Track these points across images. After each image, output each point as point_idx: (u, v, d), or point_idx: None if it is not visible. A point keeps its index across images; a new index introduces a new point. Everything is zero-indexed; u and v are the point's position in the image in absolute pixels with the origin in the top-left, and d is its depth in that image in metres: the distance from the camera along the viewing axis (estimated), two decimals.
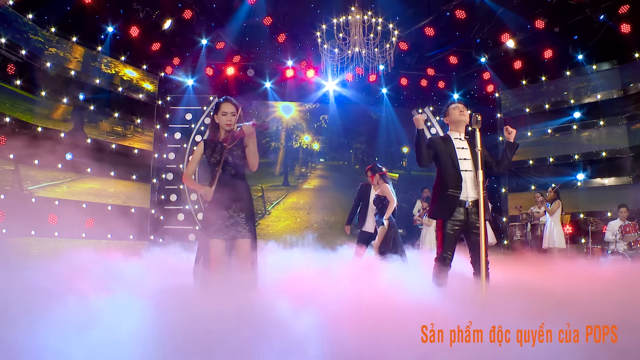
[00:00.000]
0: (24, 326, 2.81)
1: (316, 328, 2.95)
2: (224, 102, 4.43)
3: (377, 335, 2.85)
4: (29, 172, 9.83)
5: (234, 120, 4.35)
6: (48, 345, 2.57)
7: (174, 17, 11.15)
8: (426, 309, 3.39)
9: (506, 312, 3.08)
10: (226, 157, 4.29)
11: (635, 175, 11.07)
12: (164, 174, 12.91)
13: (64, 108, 10.57)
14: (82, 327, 2.76)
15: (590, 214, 11.07)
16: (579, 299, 3.90)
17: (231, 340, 2.69)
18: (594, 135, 11.81)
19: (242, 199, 4.33)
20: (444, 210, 4.50)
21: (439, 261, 4.51)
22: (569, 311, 3.18)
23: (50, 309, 3.00)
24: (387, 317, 3.21)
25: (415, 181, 14.23)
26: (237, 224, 4.22)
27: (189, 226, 12.82)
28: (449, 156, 4.58)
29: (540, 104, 12.48)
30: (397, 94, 14.00)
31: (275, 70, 13.36)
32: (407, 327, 2.92)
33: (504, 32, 11.48)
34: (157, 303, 3.33)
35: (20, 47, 9.54)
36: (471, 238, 4.52)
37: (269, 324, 2.94)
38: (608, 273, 6.49)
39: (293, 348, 2.70)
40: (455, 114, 4.78)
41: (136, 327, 2.83)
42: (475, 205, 4.46)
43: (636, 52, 10.97)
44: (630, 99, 11.22)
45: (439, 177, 4.62)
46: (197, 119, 13.35)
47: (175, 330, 2.80)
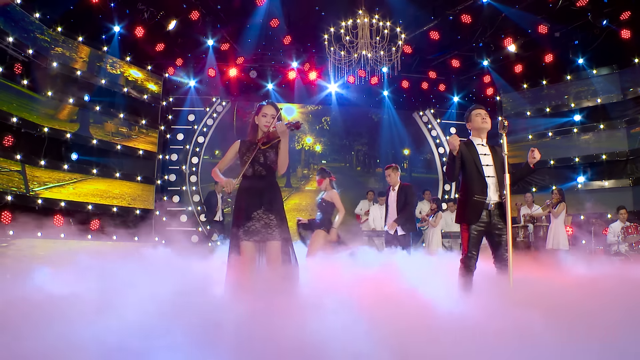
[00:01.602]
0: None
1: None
2: (267, 104, 4.46)
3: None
4: (35, 172, 9.70)
5: (273, 123, 4.35)
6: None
7: (178, 17, 11.12)
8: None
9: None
10: (258, 157, 4.30)
11: (635, 177, 11.35)
12: (166, 175, 12.84)
13: (70, 108, 10.46)
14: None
15: (590, 216, 11.31)
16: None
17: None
18: (594, 139, 12.06)
19: (273, 201, 4.31)
20: (471, 216, 4.62)
21: (465, 262, 4.63)
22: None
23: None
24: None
25: (417, 183, 14.31)
26: (268, 226, 4.20)
27: (191, 227, 12.77)
28: (473, 163, 4.68)
29: (541, 107, 12.72)
30: (398, 96, 14.13)
31: (278, 72, 13.38)
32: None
33: (507, 37, 11.67)
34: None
35: (27, 46, 9.41)
36: (494, 239, 4.66)
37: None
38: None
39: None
40: (478, 121, 4.82)
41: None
42: (497, 208, 4.65)
43: (636, 58, 11.24)
44: (629, 103, 11.51)
45: (465, 183, 4.73)
46: (199, 120, 13.31)
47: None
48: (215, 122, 13.48)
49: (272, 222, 4.22)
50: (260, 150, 4.30)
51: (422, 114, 14.45)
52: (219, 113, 13.50)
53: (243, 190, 4.35)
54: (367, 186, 13.93)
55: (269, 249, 4.22)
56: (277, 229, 4.23)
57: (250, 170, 4.31)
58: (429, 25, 11.58)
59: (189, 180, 13.12)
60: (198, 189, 13.15)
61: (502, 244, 4.57)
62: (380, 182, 14.19)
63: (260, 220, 4.20)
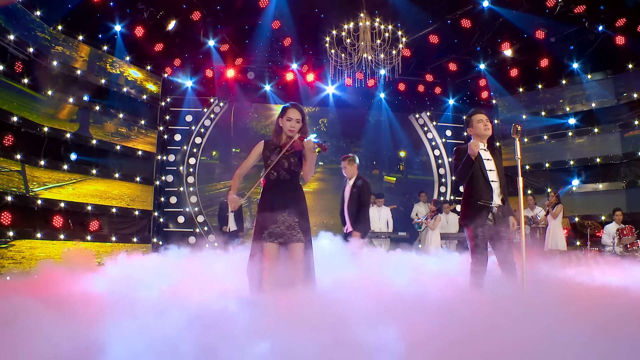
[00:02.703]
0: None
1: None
2: (291, 107, 4.40)
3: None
4: (35, 173, 9.58)
5: (298, 127, 4.35)
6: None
7: (178, 18, 11.07)
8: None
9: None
10: (282, 162, 4.30)
11: (628, 180, 11.62)
12: (164, 175, 12.76)
13: (70, 108, 10.35)
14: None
15: (584, 218, 11.55)
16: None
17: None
18: (588, 142, 12.32)
19: (296, 203, 4.32)
20: (477, 219, 4.68)
21: (475, 263, 4.69)
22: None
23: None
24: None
25: (412, 185, 14.48)
26: (291, 228, 4.22)
27: (189, 229, 12.72)
28: (479, 169, 4.74)
29: (537, 111, 12.94)
30: (394, 99, 14.24)
31: (275, 73, 13.40)
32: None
33: (504, 41, 11.85)
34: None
35: (28, 44, 9.31)
36: (498, 242, 4.67)
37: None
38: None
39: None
40: (480, 127, 4.86)
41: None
42: (500, 210, 4.71)
43: (630, 63, 11.51)
44: (623, 108, 11.79)
45: (471, 187, 4.77)
46: (197, 121, 13.25)
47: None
48: (212, 122, 13.43)
49: (296, 224, 4.24)
50: (284, 156, 4.30)
51: (418, 116, 14.57)
52: (216, 114, 13.46)
53: (267, 193, 4.35)
54: None
55: (291, 250, 4.24)
56: (301, 231, 4.26)
57: (275, 174, 4.31)
58: (428, 29, 11.71)
59: (186, 181, 13.05)
60: (195, 190, 13.09)
61: (506, 247, 4.61)
62: (377, 184, 14.27)
63: (284, 223, 4.22)
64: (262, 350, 2.59)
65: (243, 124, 13.88)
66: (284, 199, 4.27)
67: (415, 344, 2.62)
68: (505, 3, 10.61)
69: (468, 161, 4.67)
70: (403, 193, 14.43)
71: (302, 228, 4.27)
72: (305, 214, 4.38)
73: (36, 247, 9.42)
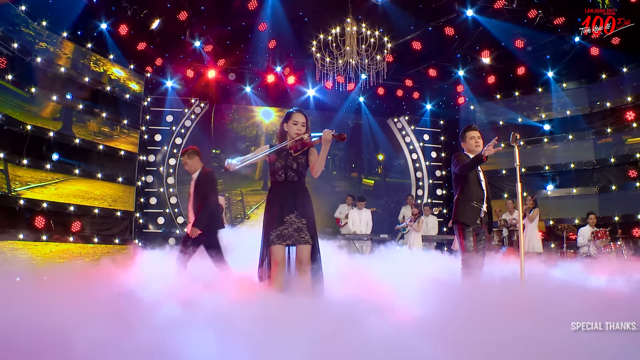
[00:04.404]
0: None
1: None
2: (296, 112, 4.47)
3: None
4: (17, 172, 9.32)
5: (303, 131, 4.40)
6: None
7: (162, 17, 10.95)
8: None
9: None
10: (291, 164, 4.34)
11: (601, 185, 12.15)
12: (144, 176, 12.59)
13: (53, 106, 10.11)
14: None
15: (559, 221, 12.01)
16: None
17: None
18: (563, 148, 12.81)
19: (304, 205, 4.35)
20: (469, 217, 5.13)
21: (465, 260, 5.10)
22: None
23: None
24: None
25: (391, 188, 14.73)
26: (300, 230, 4.25)
27: (168, 229, 12.58)
28: (475, 175, 5.20)
29: (514, 118, 13.35)
30: (372, 102, 14.44)
31: (256, 75, 13.40)
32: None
33: (483, 49, 12.20)
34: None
35: (13, 39, 9.06)
36: (480, 241, 5.21)
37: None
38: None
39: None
40: (472, 144, 5.28)
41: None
42: (486, 216, 5.22)
43: (603, 74, 12.05)
44: (596, 116, 12.35)
45: (467, 189, 5.19)
46: (178, 122, 13.13)
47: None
48: (193, 123, 13.33)
49: (304, 226, 4.27)
50: (292, 157, 4.35)
51: (397, 120, 14.83)
52: (197, 114, 13.37)
53: (276, 195, 4.37)
54: (342, 190, 14.16)
55: (299, 252, 4.27)
56: (309, 232, 4.29)
57: (283, 176, 4.34)
58: (411, 35, 11.94)
59: (166, 182, 12.91)
60: (175, 191, 12.96)
61: (483, 248, 5.21)
62: (356, 187, 14.45)
63: (292, 224, 4.24)
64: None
65: (223, 125, 13.84)
66: (292, 201, 4.29)
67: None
68: (488, 13, 10.93)
69: (478, 158, 4.96)
70: (381, 196, 14.65)
71: (310, 230, 4.30)
72: (313, 216, 4.41)
73: (18, 249, 9.17)
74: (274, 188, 4.40)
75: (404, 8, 11.05)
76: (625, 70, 11.79)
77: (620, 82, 11.94)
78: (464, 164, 5.11)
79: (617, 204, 11.83)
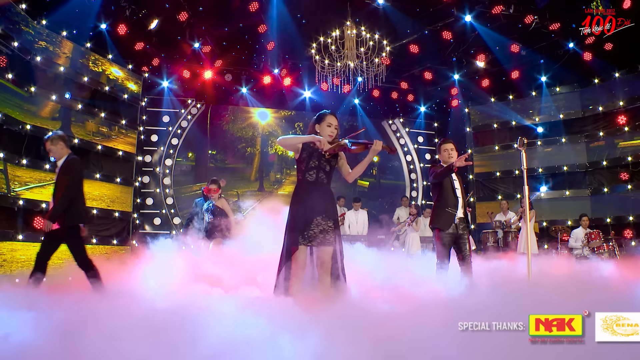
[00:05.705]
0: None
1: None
2: (330, 114, 4.52)
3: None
4: (16, 172, 9.21)
5: (336, 133, 4.46)
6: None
7: (160, 17, 10.91)
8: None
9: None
10: (324, 165, 4.38)
11: (593, 188, 12.40)
12: (141, 176, 12.52)
13: (52, 105, 10.01)
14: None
15: (552, 223, 12.23)
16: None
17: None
18: (556, 151, 13.04)
19: (331, 207, 4.39)
20: (444, 222, 5.56)
21: (439, 262, 5.58)
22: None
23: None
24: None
25: (385, 189, 14.83)
26: (326, 232, 4.27)
27: (165, 231, 12.51)
28: (450, 183, 5.65)
29: (508, 121, 13.55)
30: (367, 104, 14.53)
31: (252, 76, 13.39)
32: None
33: (479, 53, 12.36)
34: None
35: (13, 38, 8.96)
36: (459, 246, 5.60)
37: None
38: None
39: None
40: (445, 156, 5.73)
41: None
42: (462, 222, 5.62)
43: (596, 78, 12.30)
44: (589, 120, 12.61)
45: (441, 197, 5.64)
46: (174, 122, 13.09)
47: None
48: (189, 124, 13.30)
49: (329, 228, 4.30)
50: (325, 159, 4.39)
51: (392, 122, 14.94)
52: (193, 115, 13.34)
53: (304, 194, 4.36)
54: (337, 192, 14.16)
55: (322, 253, 4.28)
56: (333, 235, 4.31)
57: (314, 176, 4.36)
58: (409, 38, 12.05)
59: (163, 182, 12.86)
60: (171, 191, 12.91)
61: (465, 250, 5.56)
62: (350, 188, 14.50)
63: (319, 226, 4.26)
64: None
65: (220, 126, 13.82)
66: (321, 202, 4.31)
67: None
68: (485, 18, 11.10)
69: (449, 168, 5.44)
70: (376, 197, 14.74)
71: (334, 232, 4.32)
72: (337, 219, 4.45)
73: (17, 250, 9.06)
74: (304, 187, 4.39)
75: (402, 11, 11.15)
76: (617, 76, 12.05)
77: (612, 87, 12.20)
78: (437, 172, 5.61)
79: (609, 206, 12.09)
